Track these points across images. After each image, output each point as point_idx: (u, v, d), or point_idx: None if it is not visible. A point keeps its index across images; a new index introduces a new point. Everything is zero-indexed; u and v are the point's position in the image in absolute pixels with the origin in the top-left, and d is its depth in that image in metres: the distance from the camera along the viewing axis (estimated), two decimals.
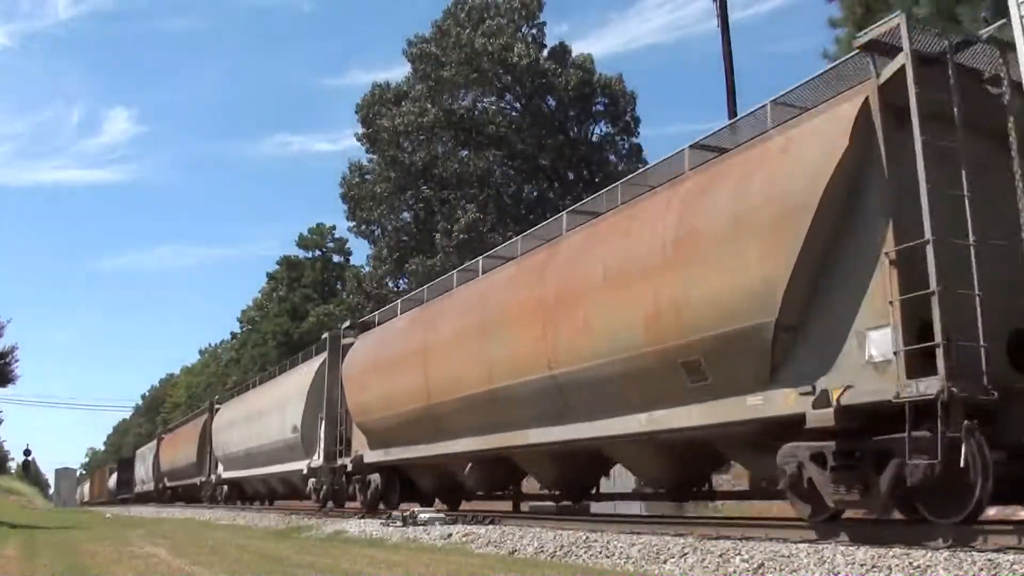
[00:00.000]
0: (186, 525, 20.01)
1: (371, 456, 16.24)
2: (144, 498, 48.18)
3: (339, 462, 17.96)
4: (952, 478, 6.19)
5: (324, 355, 19.59)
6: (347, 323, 19.90)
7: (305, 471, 20.04)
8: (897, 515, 7.63)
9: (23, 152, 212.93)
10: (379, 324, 17.44)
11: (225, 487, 30.50)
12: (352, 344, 17.86)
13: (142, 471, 50.28)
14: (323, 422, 18.92)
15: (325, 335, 20.22)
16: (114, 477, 62.53)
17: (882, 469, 6.64)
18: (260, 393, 26.30)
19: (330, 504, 19.29)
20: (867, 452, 6.83)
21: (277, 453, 22.63)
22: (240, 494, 29.93)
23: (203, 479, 33.29)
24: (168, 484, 41.25)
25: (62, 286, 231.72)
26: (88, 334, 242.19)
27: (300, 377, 21.95)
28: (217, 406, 32.69)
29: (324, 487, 18.98)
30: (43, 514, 35.60)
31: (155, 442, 47.07)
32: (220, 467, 30.42)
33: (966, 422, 6.11)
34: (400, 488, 16.23)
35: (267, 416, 23.55)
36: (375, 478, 16.53)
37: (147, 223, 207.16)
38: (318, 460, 19.30)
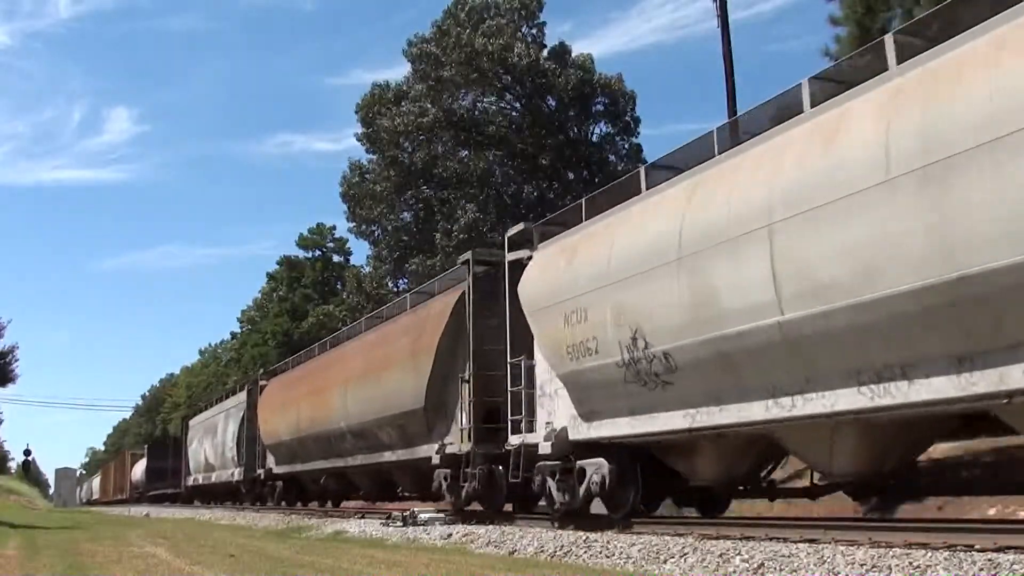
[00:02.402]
0: (186, 525, 20.00)
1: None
2: (204, 494, 32.71)
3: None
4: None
5: None
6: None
7: None
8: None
9: (24, 152, 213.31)
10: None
11: (603, 474, 10.09)
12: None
13: (207, 451, 30.87)
14: None
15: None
16: (141, 466, 48.08)
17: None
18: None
19: None
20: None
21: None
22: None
23: (445, 446, 13.61)
24: (279, 471, 22.70)
25: (62, 286, 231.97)
26: (88, 334, 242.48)
27: None
28: (520, 253, 12.11)
29: None
30: (43, 514, 35.59)
31: (241, 396, 26.90)
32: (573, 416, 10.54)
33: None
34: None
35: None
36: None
37: (147, 223, 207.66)
38: None
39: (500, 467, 12.25)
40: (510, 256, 12.13)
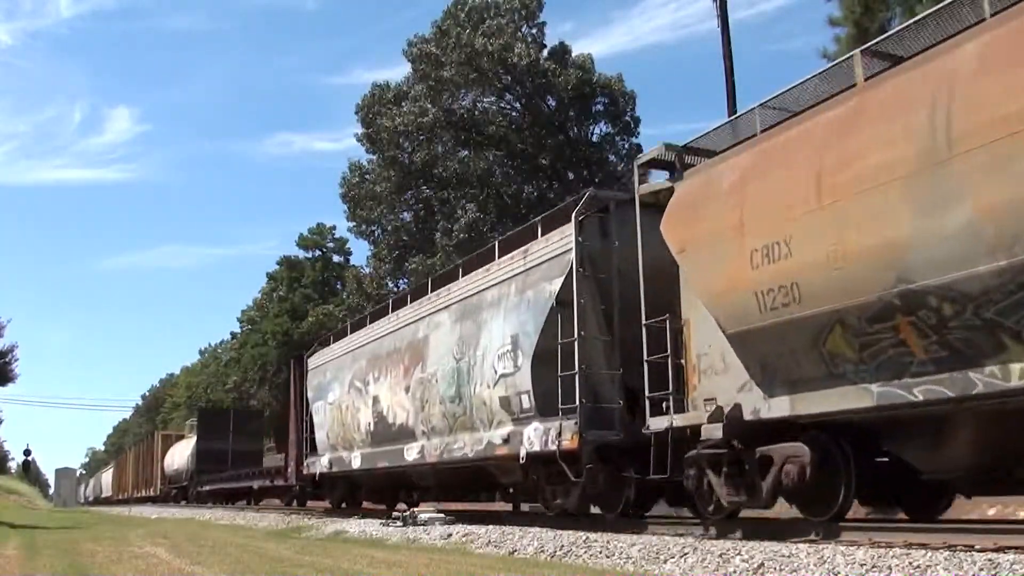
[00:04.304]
0: (186, 525, 19.98)
1: None
2: (355, 485, 18.33)
3: None
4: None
5: None
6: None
7: None
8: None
9: (25, 151, 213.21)
10: None
11: None
12: None
13: (384, 405, 14.78)
14: None
15: None
16: (185, 449, 35.73)
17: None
18: None
19: None
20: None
21: None
22: None
23: None
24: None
25: (62, 286, 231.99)
26: (88, 334, 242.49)
27: None
28: None
29: None
30: (44, 514, 35.59)
31: (546, 247, 10.81)
32: None
33: None
34: None
35: None
36: None
37: (148, 223, 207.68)
38: None
39: None
40: None
